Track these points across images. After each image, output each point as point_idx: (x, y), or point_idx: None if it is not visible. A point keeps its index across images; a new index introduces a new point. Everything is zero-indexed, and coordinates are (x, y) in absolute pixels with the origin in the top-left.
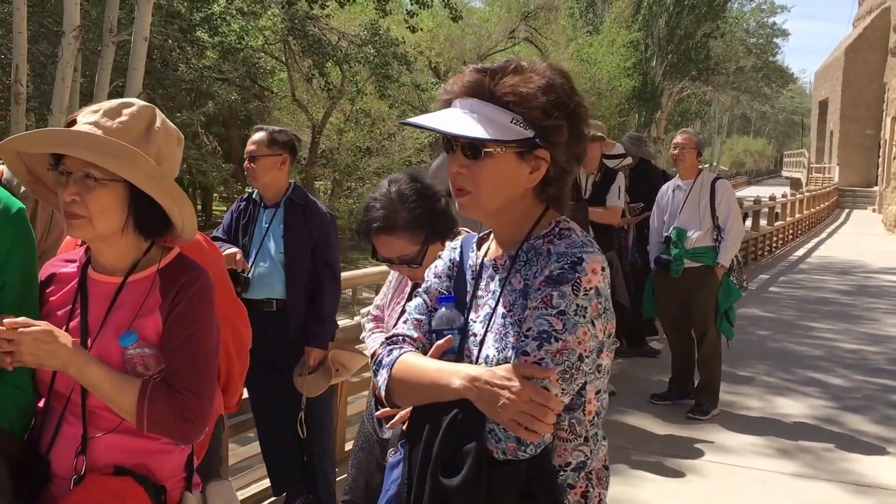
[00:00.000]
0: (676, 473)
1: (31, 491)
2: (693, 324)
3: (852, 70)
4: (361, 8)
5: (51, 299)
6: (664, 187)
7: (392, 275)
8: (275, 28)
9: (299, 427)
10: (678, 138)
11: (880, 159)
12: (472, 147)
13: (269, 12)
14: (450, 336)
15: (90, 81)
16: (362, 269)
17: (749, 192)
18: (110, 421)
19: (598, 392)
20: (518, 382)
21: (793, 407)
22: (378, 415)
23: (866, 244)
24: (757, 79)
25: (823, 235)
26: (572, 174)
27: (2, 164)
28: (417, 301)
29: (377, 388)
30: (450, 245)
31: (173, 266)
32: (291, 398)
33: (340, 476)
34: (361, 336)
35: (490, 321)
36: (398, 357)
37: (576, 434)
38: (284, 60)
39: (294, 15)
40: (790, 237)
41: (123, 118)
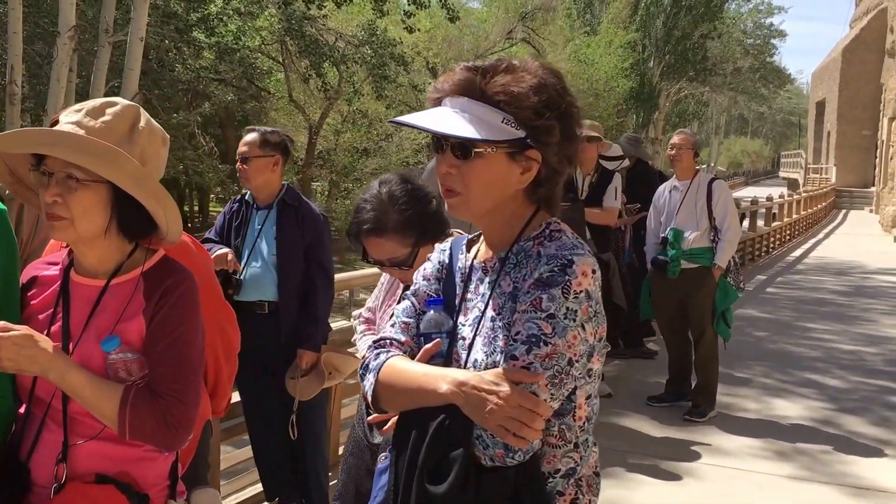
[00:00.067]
0: (673, 476)
1: (11, 499)
2: (690, 325)
3: (849, 71)
4: (359, 8)
5: (32, 303)
6: (661, 188)
7: (384, 277)
8: (272, 28)
9: (290, 429)
10: (675, 139)
11: (877, 160)
12: (462, 147)
13: (266, 13)
14: (438, 340)
15: (86, 82)
16: (358, 271)
17: (746, 193)
18: (92, 427)
19: (589, 397)
20: (506, 387)
21: (790, 409)
22: (370, 420)
23: (863, 245)
24: (754, 79)
25: (820, 236)
26: (564, 175)
27: None
28: (405, 304)
29: (364, 393)
30: (439, 247)
31: (158, 269)
32: (284, 401)
33: (334, 480)
34: (353, 339)
35: (479, 325)
36: (385, 361)
37: (565, 440)
38: (281, 61)
39: (291, 15)
40: (787, 238)
41: (106, 118)
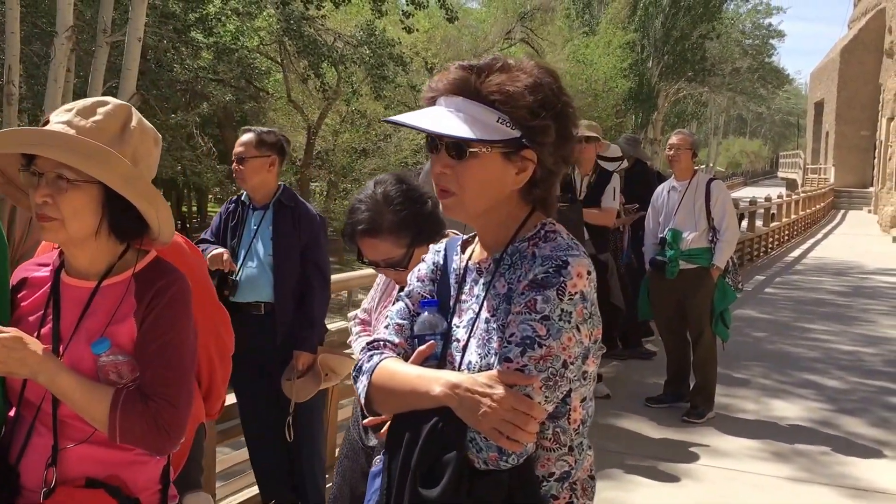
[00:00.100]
0: (671, 478)
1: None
2: (688, 326)
3: (848, 71)
4: (357, 9)
5: (22, 304)
6: (659, 188)
7: (380, 278)
8: (270, 28)
9: (287, 431)
10: (673, 139)
11: (876, 160)
12: (457, 147)
13: (265, 13)
14: (432, 342)
15: (84, 82)
16: (356, 271)
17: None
18: (82, 431)
19: (584, 400)
20: (500, 390)
21: (789, 409)
22: (365, 423)
23: (862, 245)
24: (753, 80)
25: (819, 236)
26: (559, 176)
27: None
28: (399, 305)
29: (357, 395)
30: (433, 248)
31: (149, 270)
32: (280, 403)
33: (330, 483)
34: (349, 340)
35: (473, 326)
36: (378, 363)
37: (560, 443)
38: (280, 61)
39: (289, 15)
40: (786, 238)
41: (98, 117)
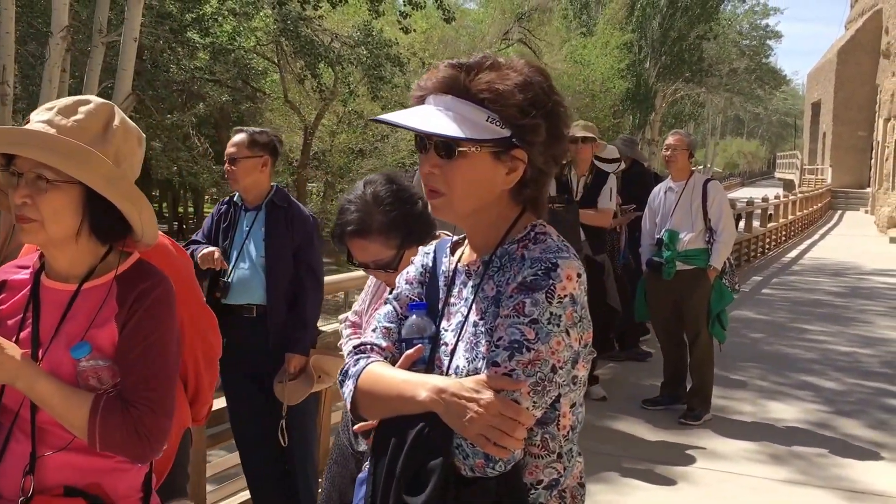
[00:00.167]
0: (667, 481)
1: None
2: (685, 327)
3: (845, 72)
4: (354, 9)
5: (1, 308)
6: (656, 189)
7: (371, 280)
8: (267, 29)
9: (280, 435)
10: (670, 139)
11: (872, 161)
12: (446, 146)
13: (262, 13)
14: (420, 345)
15: (79, 82)
16: (352, 272)
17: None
18: (61, 438)
19: (574, 405)
20: (487, 395)
21: (786, 411)
22: (356, 429)
23: (859, 246)
24: (750, 80)
25: (816, 237)
26: (550, 176)
27: None
28: (387, 308)
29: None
30: (422, 250)
31: (131, 272)
32: (272, 407)
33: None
34: (339, 343)
35: (462, 330)
36: (364, 367)
37: (549, 450)
38: (276, 61)
39: (286, 16)
40: (783, 239)
41: (79, 116)
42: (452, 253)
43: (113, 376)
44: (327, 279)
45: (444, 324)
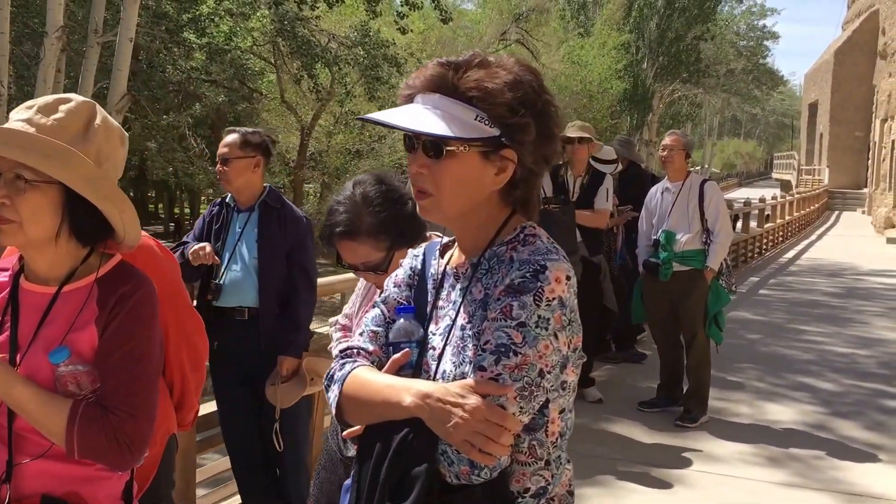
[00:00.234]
0: (663, 484)
1: None
2: (682, 328)
3: (841, 73)
4: (351, 9)
5: None
6: (653, 190)
7: (361, 282)
8: (263, 29)
9: (275, 439)
10: (666, 140)
11: (869, 161)
12: (434, 145)
13: (259, 13)
14: (407, 350)
15: (74, 83)
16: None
17: (739, 194)
18: (39, 445)
19: (563, 411)
20: (473, 400)
21: (783, 413)
22: (345, 435)
23: (856, 246)
24: (747, 81)
25: (813, 237)
26: (541, 177)
27: None
28: (375, 312)
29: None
30: (411, 252)
31: (113, 275)
32: (263, 411)
33: None
34: (329, 347)
35: (449, 334)
36: (350, 372)
37: (536, 457)
38: (273, 62)
39: (283, 16)
40: (780, 239)
41: (59, 115)
42: (442, 255)
43: (93, 381)
44: (322, 281)
45: (433, 327)
